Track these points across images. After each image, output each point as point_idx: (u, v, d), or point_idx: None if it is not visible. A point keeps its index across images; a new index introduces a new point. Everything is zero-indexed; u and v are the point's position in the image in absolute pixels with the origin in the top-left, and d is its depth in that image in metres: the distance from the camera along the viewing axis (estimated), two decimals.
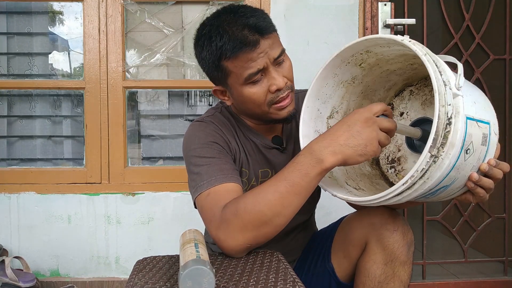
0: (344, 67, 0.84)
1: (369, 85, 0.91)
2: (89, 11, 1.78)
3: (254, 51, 0.83)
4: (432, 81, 0.65)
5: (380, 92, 0.95)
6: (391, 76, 0.90)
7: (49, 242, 1.77)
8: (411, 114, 0.94)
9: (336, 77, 0.86)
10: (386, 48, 0.79)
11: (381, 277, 0.87)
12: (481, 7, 1.85)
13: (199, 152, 0.91)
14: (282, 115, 0.92)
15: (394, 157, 0.97)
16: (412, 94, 0.95)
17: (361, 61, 0.84)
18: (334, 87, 0.88)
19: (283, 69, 0.89)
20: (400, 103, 0.96)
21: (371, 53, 0.81)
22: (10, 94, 1.94)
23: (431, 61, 0.67)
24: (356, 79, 0.88)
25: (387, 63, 0.85)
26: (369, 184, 0.92)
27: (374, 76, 0.89)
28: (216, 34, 0.84)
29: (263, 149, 1.01)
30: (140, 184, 1.79)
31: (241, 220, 0.76)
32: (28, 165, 1.93)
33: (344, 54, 0.81)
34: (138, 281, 0.71)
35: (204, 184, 0.85)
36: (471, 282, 1.83)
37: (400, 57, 0.83)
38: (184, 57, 1.91)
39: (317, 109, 0.89)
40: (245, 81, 0.87)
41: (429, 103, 0.91)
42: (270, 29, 0.87)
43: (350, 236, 0.93)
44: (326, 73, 0.85)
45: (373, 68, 0.86)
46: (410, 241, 0.89)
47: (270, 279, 0.70)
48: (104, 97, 1.79)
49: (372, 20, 1.75)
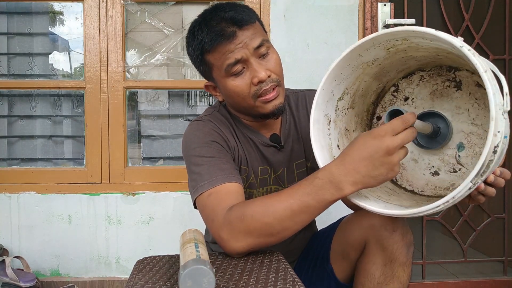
0: (372, 49, 0.79)
1: (384, 67, 0.86)
2: (90, 12, 1.78)
3: (231, 43, 0.86)
4: (490, 106, 0.60)
5: (391, 73, 0.89)
6: (410, 61, 0.85)
7: (49, 242, 1.77)
8: (416, 101, 0.89)
9: (360, 58, 0.81)
10: (427, 41, 0.73)
11: (381, 278, 0.87)
12: (481, 7, 1.85)
13: (199, 152, 0.91)
14: (268, 109, 0.91)
15: None
16: (422, 79, 0.88)
17: (392, 46, 0.78)
18: (353, 69, 0.83)
19: (267, 62, 0.90)
20: (407, 87, 0.90)
21: (407, 41, 0.76)
22: (10, 94, 1.95)
23: (492, 81, 0.61)
24: (377, 61, 0.83)
25: (416, 50, 0.80)
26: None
27: (394, 59, 0.84)
28: (198, 29, 0.90)
29: (261, 147, 1.01)
30: (140, 184, 1.79)
31: (246, 226, 0.76)
32: (29, 165, 1.93)
33: (379, 38, 0.75)
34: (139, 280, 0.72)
35: (205, 184, 0.86)
36: (470, 282, 1.83)
37: (433, 49, 0.77)
38: (184, 57, 1.91)
39: (331, 91, 0.85)
40: (226, 73, 0.88)
41: (440, 94, 0.86)
42: (249, 21, 0.88)
43: (349, 237, 0.93)
44: (352, 54, 0.79)
45: (398, 53, 0.81)
46: (409, 242, 0.89)
47: (270, 279, 0.70)
48: (104, 97, 1.79)
49: (372, 20, 1.75)
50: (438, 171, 0.85)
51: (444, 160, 0.85)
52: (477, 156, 0.81)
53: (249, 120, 1.01)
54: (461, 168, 0.83)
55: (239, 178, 0.89)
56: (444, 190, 0.84)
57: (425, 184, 0.87)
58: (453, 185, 0.83)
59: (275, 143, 1.02)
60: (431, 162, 0.87)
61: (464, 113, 0.83)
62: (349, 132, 0.90)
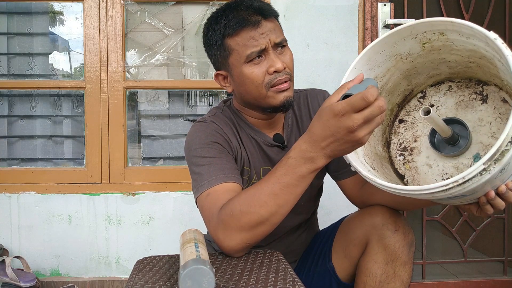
0: (408, 40, 0.78)
1: (417, 66, 0.85)
2: (90, 12, 1.78)
3: (255, 30, 0.88)
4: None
5: (422, 77, 0.89)
6: (442, 66, 0.85)
7: (49, 242, 1.77)
8: (441, 109, 0.89)
9: (395, 47, 0.80)
10: (462, 38, 0.73)
11: (382, 277, 0.87)
12: (481, 7, 1.85)
13: (200, 152, 0.91)
14: (279, 99, 0.92)
15: (408, 146, 0.92)
16: (450, 89, 0.89)
17: (428, 40, 0.78)
18: (387, 57, 0.82)
19: (284, 57, 0.92)
20: (434, 95, 0.91)
21: (443, 37, 0.75)
22: (10, 94, 1.95)
23: None
24: (410, 56, 0.82)
25: (449, 52, 0.79)
26: (380, 166, 0.89)
27: (427, 59, 0.83)
28: (222, 15, 0.92)
29: (264, 147, 1.01)
30: (140, 184, 1.79)
31: (237, 221, 0.77)
32: (29, 165, 1.93)
33: (418, 27, 0.75)
34: (138, 280, 0.72)
35: (204, 184, 0.86)
36: (470, 282, 1.83)
37: (467, 51, 0.77)
38: (184, 57, 1.91)
39: (362, 72, 0.82)
40: (246, 59, 0.89)
41: (465, 105, 0.87)
42: (273, 14, 0.93)
43: (351, 236, 0.94)
44: (389, 40, 0.78)
45: (432, 51, 0.80)
46: (411, 241, 0.89)
47: (270, 278, 0.70)
48: (104, 97, 1.79)
49: (371, 20, 1.75)
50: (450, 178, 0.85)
51: (459, 168, 0.84)
52: None
53: (255, 117, 1.01)
54: None
55: (239, 178, 0.89)
56: None
57: None
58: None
59: (278, 143, 1.02)
60: (445, 169, 0.86)
61: (486, 126, 0.83)
62: None
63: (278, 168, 0.77)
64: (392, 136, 0.93)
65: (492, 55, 0.71)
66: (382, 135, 0.93)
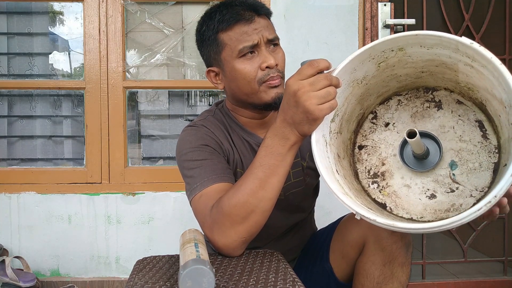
0: (366, 62, 0.75)
1: (369, 88, 0.82)
2: (89, 11, 1.78)
3: (249, 25, 0.90)
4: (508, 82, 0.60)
5: (372, 98, 0.85)
6: (391, 82, 0.82)
7: (49, 242, 1.77)
8: (398, 125, 0.85)
9: (353, 73, 0.77)
10: (423, 50, 0.70)
11: (380, 278, 0.87)
12: (481, 7, 1.85)
13: (191, 156, 0.92)
14: (271, 95, 0.92)
15: (377, 171, 0.85)
16: (400, 104, 0.86)
17: (385, 59, 0.75)
18: (346, 85, 0.78)
19: (276, 55, 0.93)
20: (385, 113, 0.87)
21: (401, 52, 0.72)
22: (10, 94, 1.95)
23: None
24: (365, 79, 0.79)
25: (403, 66, 0.77)
26: (365, 201, 0.82)
27: (379, 79, 0.80)
28: (216, 11, 0.94)
29: (256, 148, 1.01)
30: (140, 184, 1.79)
31: (228, 216, 0.77)
32: (29, 165, 1.93)
33: (377, 47, 0.72)
34: (138, 280, 0.72)
35: (197, 187, 0.87)
36: (470, 282, 1.83)
37: (423, 62, 0.74)
38: (184, 57, 1.91)
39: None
40: (238, 53, 0.90)
41: (421, 116, 0.84)
42: (266, 11, 0.95)
43: (349, 237, 0.93)
44: (348, 67, 0.75)
45: (386, 69, 0.78)
46: (408, 242, 0.89)
47: (269, 278, 0.70)
48: (104, 97, 1.79)
49: (372, 20, 1.75)
50: (434, 193, 0.80)
51: (439, 181, 0.80)
52: (472, 172, 0.78)
53: (247, 117, 1.01)
54: (458, 187, 0.79)
55: (231, 177, 0.90)
56: (445, 212, 0.79)
57: (423, 210, 0.80)
58: (453, 205, 0.78)
59: None
60: (425, 185, 0.81)
61: (450, 131, 0.81)
62: (340, 159, 0.82)
63: (257, 154, 0.79)
64: (357, 165, 0.88)
65: (457, 60, 0.69)
66: (350, 167, 0.87)
